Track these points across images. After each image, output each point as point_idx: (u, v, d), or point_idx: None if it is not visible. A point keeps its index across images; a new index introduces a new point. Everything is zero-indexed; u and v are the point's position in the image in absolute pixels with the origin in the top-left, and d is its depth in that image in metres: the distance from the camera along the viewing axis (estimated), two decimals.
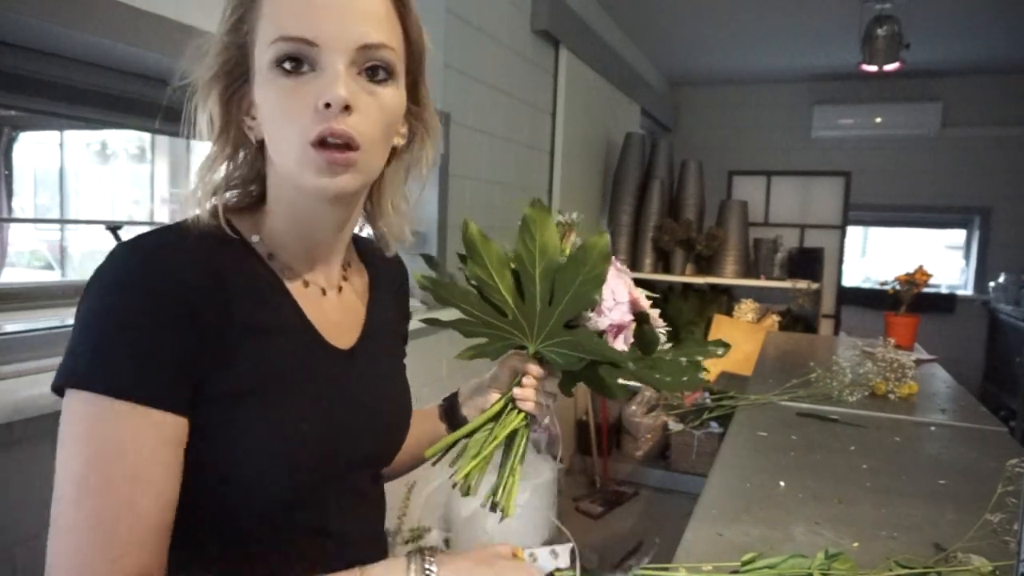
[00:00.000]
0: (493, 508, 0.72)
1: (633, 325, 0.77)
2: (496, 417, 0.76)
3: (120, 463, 0.53)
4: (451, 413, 0.88)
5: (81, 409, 0.54)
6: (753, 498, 1.03)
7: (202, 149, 0.68)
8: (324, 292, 0.70)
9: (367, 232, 0.78)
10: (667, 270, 3.77)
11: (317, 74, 0.57)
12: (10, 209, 1.67)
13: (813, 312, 3.62)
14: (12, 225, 1.89)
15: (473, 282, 0.75)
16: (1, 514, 1.06)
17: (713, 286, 3.77)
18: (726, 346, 0.84)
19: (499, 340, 0.75)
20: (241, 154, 0.66)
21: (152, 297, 0.55)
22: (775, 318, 3.64)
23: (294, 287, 0.67)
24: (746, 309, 3.66)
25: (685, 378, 0.80)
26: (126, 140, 2.43)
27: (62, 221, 2.19)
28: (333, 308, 0.71)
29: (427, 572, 0.60)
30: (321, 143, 0.57)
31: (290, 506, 0.64)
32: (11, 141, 1.59)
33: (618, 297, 0.74)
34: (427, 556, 0.61)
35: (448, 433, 0.84)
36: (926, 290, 2.45)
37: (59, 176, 1.99)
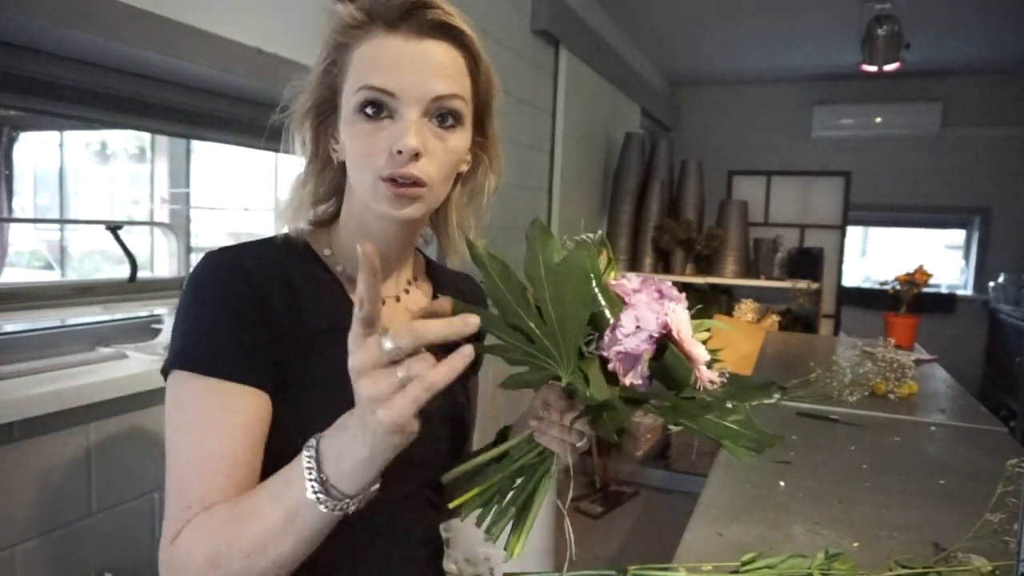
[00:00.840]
0: (502, 540, 0.69)
1: (648, 355, 0.65)
2: (516, 450, 0.71)
3: (210, 430, 0.63)
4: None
5: (177, 386, 0.66)
6: (753, 498, 1.03)
7: (202, 150, 0.71)
8: (384, 303, 0.74)
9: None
10: (667, 270, 3.77)
11: (394, 121, 0.67)
12: (10, 209, 1.67)
13: (813, 312, 3.62)
14: (12, 225, 1.89)
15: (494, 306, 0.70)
16: (1, 514, 1.06)
17: (713, 286, 3.77)
18: (784, 390, 0.72)
19: (537, 369, 0.68)
20: (327, 172, 0.76)
21: (226, 290, 0.67)
22: (775, 318, 3.64)
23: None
24: (746, 309, 3.66)
25: (739, 434, 0.66)
26: (126, 140, 2.43)
27: (62, 221, 2.19)
28: (394, 318, 0.76)
29: (308, 450, 0.57)
30: (391, 180, 0.66)
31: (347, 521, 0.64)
32: (11, 141, 1.59)
33: (644, 324, 0.64)
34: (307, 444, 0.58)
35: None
36: (926, 290, 2.46)
37: (59, 176, 1.99)
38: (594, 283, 0.66)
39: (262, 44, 1.45)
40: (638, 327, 0.64)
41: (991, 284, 4.82)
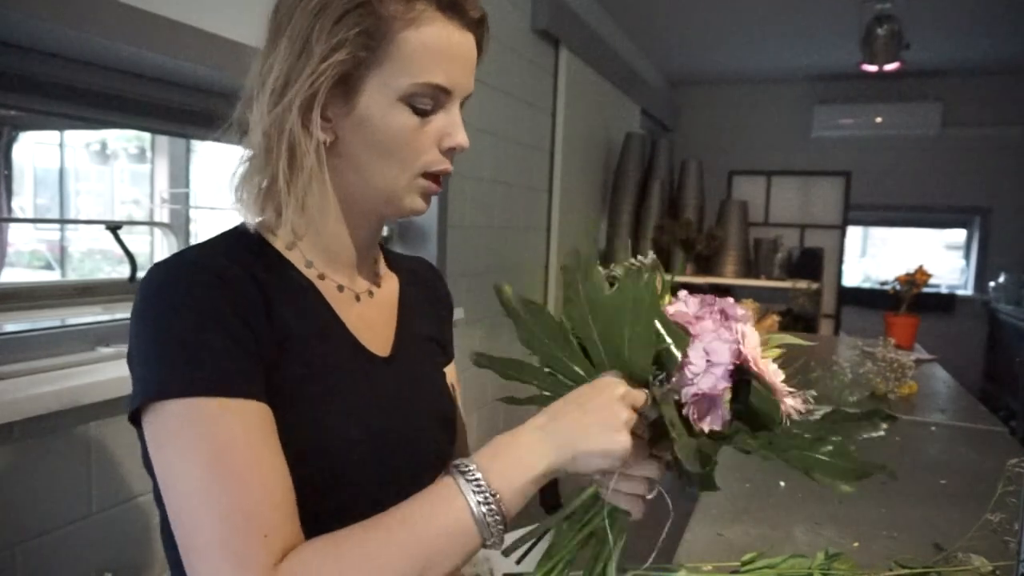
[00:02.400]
0: None
1: (727, 394, 0.57)
2: (580, 510, 0.64)
3: (237, 453, 0.54)
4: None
5: (177, 417, 0.54)
6: (753, 498, 1.03)
7: (202, 150, 0.69)
8: (358, 298, 0.72)
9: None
10: (667, 270, 3.76)
11: (440, 116, 0.64)
12: (10, 209, 1.67)
13: (813, 312, 3.62)
14: (12, 225, 1.89)
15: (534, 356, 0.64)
16: (1, 514, 1.06)
17: (713, 286, 3.77)
18: (891, 418, 0.62)
19: None
20: (297, 157, 0.63)
21: (198, 298, 0.57)
22: (775, 318, 3.64)
23: (331, 295, 0.69)
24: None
25: (833, 466, 0.57)
26: (126, 140, 2.43)
27: (62, 221, 2.19)
28: (367, 313, 0.72)
29: (477, 483, 0.55)
30: (434, 176, 0.65)
31: (342, 507, 0.62)
32: (11, 141, 1.59)
33: (715, 357, 0.56)
34: (464, 467, 0.56)
35: None
36: (926, 290, 2.45)
37: (59, 176, 1.99)
38: (655, 317, 0.59)
39: (262, 44, 1.45)
40: (709, 361, 0.56)
41: (991, 284, 4.82)
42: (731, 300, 0.61)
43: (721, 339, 0.57)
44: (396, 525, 0.54)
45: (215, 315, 0.57)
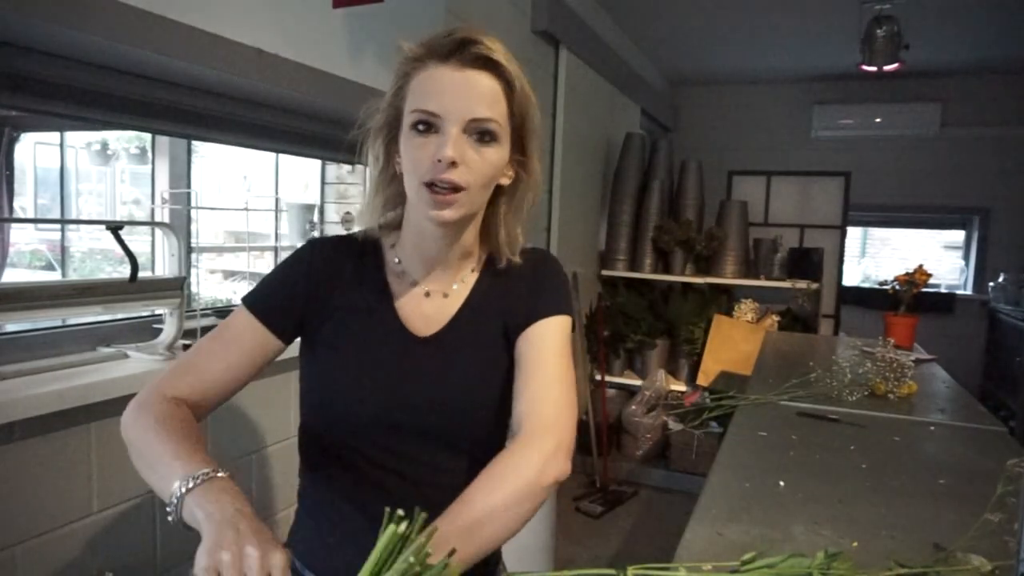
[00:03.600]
0: None
1: None
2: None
3: (217, 337, 0.86)
4: None
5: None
6: (753, 498, 1.03)
7: (202, 150, 0.73)
8: (428, 294, 0.91)
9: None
10: (667, 270, 3.77)
11: (439, 136, 0.80)
12: (11, 209, 1.67)
13: (813, 312, 3.62)
14: (13, 225, 1.89)
15: None
16: (1, 514, 1.06)
17: (713, 286, 3.77)
18: None
19: None
20: (394, 183, 0.89)
21: (295, 263, 0.91)
22: (775, 318, 3.64)
23: (402, 287, 0.91)
24: (746, 309, 3.66)
25: None
26: (127, 140, 2.43)
27: (62, 221, 2.19)
28: (431, 307, 0.91)
29: (189, 486, 0.67)
30: (431, 185, 0.79)
31: (348, 450, 0.88)
32: (12, 141, 1.59)
33: None
34: (200, 478, 0.68)
35: None
36: (925, 290, 2.45)
37: (60, 176, 1.99)
38: None
39: (262, 44, 1.45)
40: None
41: (991, 284, 4.82)
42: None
43: None
44: (154, 447, 0.74)
45: (291, 274, 0.90)
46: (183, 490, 0.67)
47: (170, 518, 0.67)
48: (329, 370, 0.88)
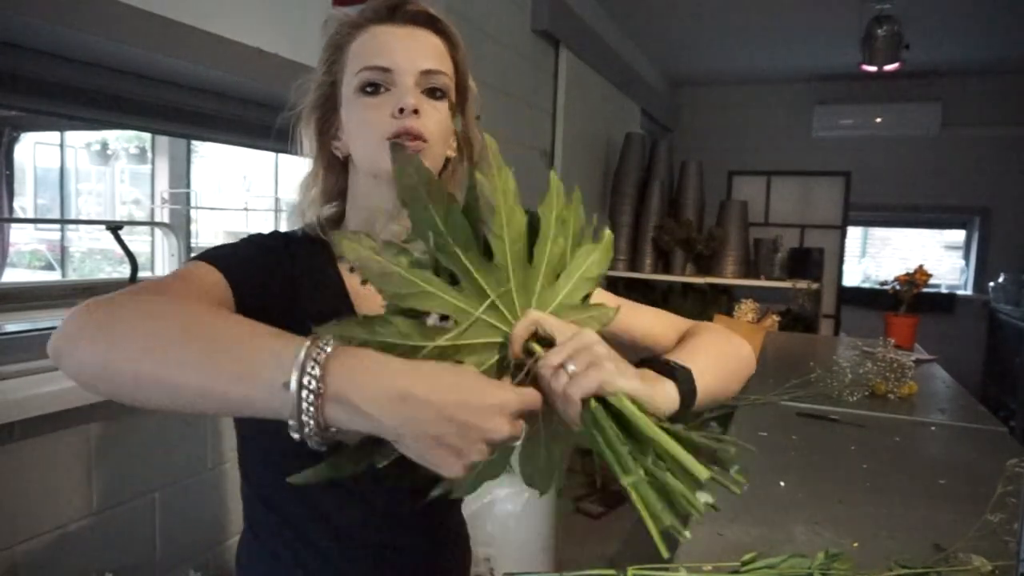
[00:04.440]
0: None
1: None
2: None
3: (183, 276, 0.68)
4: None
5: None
6: (753, 498, 1.03)
7: (202, 150, 0.72)
8: None
9: None
10: (667, 270, 3.77)
11: (391, 93, 0.76)
12: (11, 209, 1.67)
13: (813, 312, 3.62)
14: (13, 225, 1.89)
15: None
16: (1, 514, 1.06)
17: (713, 286, 3.77)
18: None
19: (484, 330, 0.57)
20: (332, 172, 0.83)
21: (267, 251, 0.78)
22: (775, 318, 3.64)
23: (355, 284, 0.79)
24: (746, 309, 3.66)
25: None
26: (126, 140, 2.43)
27: (62, 221, 2.19)
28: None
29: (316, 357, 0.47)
30: (396, 137, 0.73)
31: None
32: (12, 141, 1.59)
33: None
34: (324, 342, 0.49)
35: None
36: (926, 290, 2.45)
37: (60, 176, 1.99)
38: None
39: (262, 44, 1.45)
40: None
41: (991, 284, 4.82)
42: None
43: None
44: (210, 325, 0.51)
45: (267, 262, 0.77)
46: (321, 355, 0.47)
47: (305, 405, 0.46)
48: None
